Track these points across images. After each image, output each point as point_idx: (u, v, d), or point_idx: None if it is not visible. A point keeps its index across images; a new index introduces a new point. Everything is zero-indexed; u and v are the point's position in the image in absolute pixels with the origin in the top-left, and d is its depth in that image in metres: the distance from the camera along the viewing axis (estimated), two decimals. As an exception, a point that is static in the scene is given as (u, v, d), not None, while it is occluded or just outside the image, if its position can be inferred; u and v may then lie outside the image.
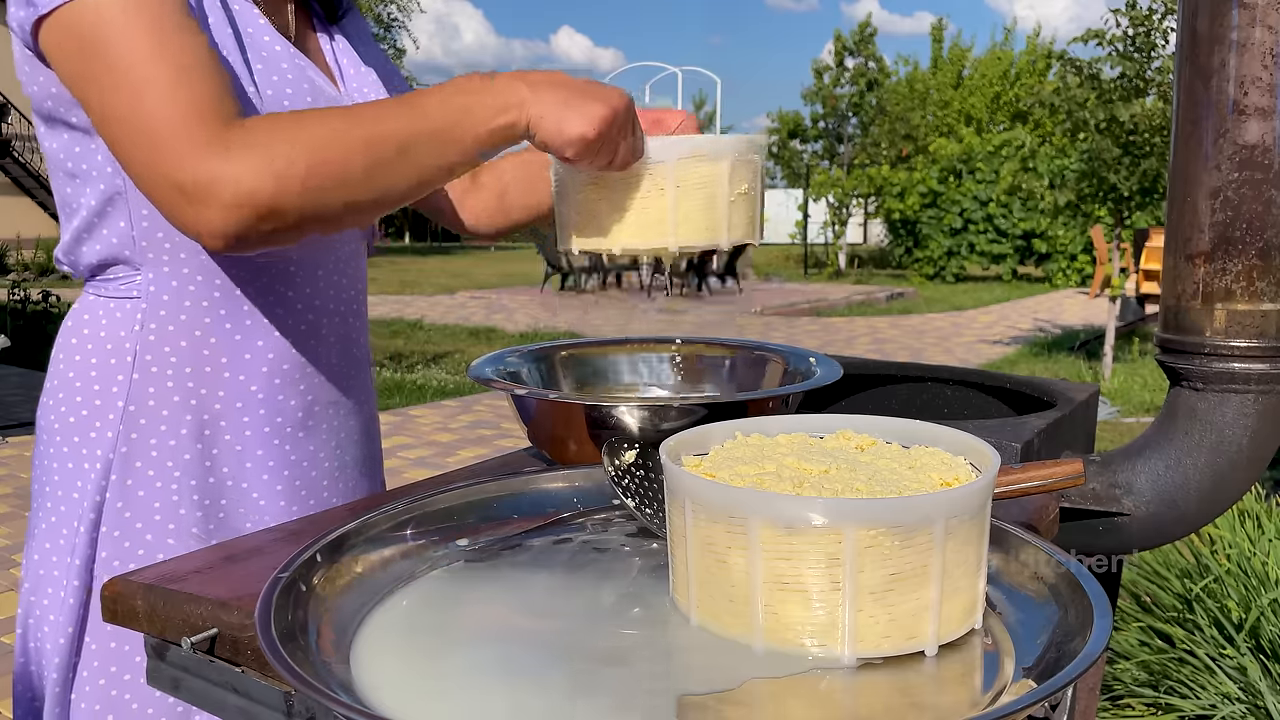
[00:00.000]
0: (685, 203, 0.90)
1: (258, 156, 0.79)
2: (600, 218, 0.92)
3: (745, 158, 0.92)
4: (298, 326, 1.04)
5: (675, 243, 0.90)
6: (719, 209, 0.91)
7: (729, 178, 0.91)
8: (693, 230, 0.91)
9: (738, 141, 0.92)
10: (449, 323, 11.24)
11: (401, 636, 0.67)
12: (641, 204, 0.90)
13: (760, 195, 0.96)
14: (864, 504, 0.62)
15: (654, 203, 0.90)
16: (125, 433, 0.97)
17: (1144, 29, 7.01)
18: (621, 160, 0.88)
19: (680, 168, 0.89)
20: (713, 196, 0.91)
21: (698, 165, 0.90)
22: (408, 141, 0.83)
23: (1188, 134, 1.14)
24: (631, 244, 0.91)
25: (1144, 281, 9.75)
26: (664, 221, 0.90)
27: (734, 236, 0.93)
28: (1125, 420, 6.24)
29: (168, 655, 0.76)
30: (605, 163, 0.87)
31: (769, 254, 24.76)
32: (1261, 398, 1.13)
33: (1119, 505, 1.18)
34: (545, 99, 0.84)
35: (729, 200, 0.91)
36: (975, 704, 0.60)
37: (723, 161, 0.90)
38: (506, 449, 1.29)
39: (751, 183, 0.94)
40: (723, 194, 0.91)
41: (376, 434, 1.19)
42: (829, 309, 13.43)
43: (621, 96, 0.87)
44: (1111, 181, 7.52)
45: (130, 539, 0.97)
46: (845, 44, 24.83)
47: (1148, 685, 2.45)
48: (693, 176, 0.90)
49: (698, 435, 0.77)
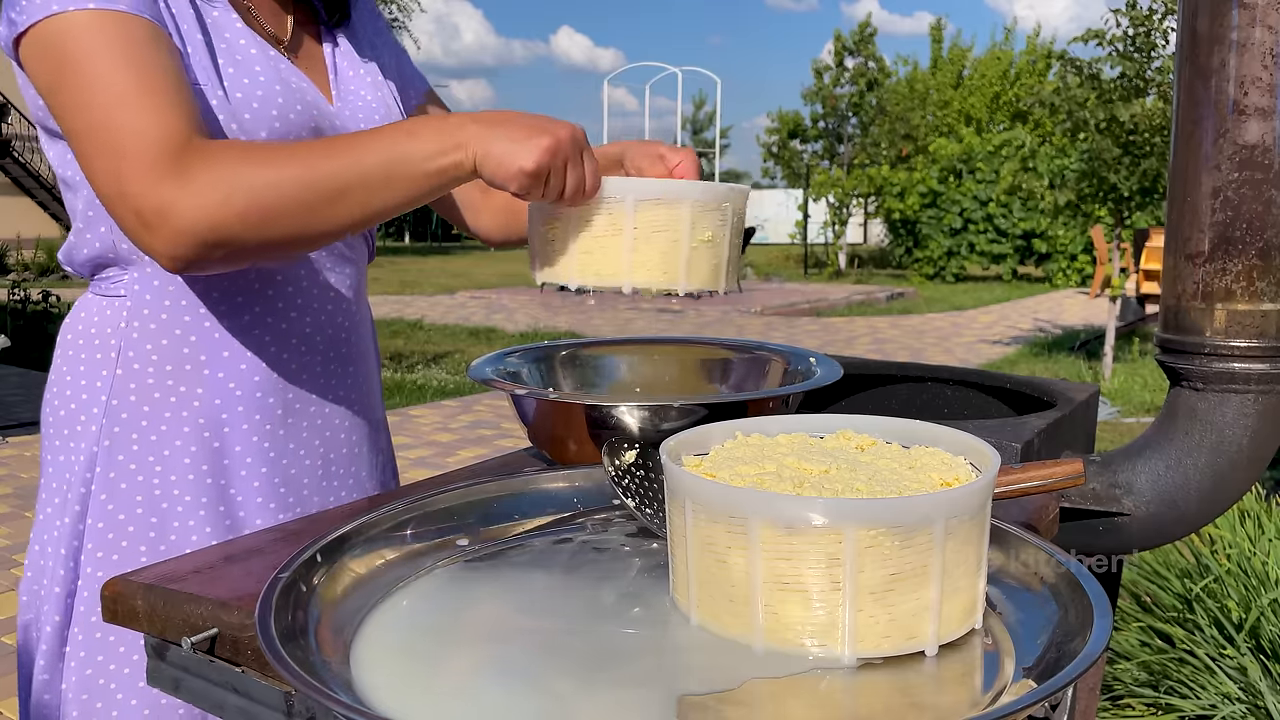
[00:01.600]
0: (643, 245, 0.90)
1: (207, 189, 0.82)
2: (560, 252, 0.92)
3: (710, 206, 0.91)
4: (279, 325, 1.04)
5: (630, 284, 0.90)
6: (678, 254, 0.91)
7: (690, 224, 0.90)
8: (649, 273, 0.90)
9: (704, 189, 0.91)
10: (449, 323, 11.24)
11: (401, 636, 0.67)
12: (598, 242, 0.90)
13: (730, 243, 0.95)
14: (864, 504, 0.62)
15: (610, 242, 0.90)
16: (108, 427, 0.99)
17: (1144, 29, 7.01)
18: (571, 193, 0.88)
19: (639, 210, 0.89)
20: (673, 242, 0.90)
21: (656, 209, 0.89)
22: (347, 184, 0.85)
23: (1188, 134, 1.14)
24: (587, 281, 0.91)
25: (1144, 281, 9.75)
26: (619, 261, 0.90)
27: (693, 283, 0.92)
28: (1125, 420, 6.24)
29: (168, 655, 0.76)
30: (556, 196, 0.88)
31: (769, 254, 24.77)
32: (1261, 398, 1.13)
33: (1119, 505, 1.18)
34: (490, 135, 0.85)
35: (690, 247, 0.91)
36: (975, 704, 0.60)
37: (681, 207, 0.90)
38: (506, 449, 1.29)
39: (717, 231, 0.93)
40: (683, 240, 0.90)
41: (373, 432, 1.18)
42: (829, 309, 13.43)
43: (567, 129, 0.87)
44: (1111, 181, 7.52)
45: (114, 531, 0.98)
46: (845, 44, 24.84)
47: (1148, 685, 2.45)
48: (651, 219, 0.89)
49: (698, 435, 0.77)
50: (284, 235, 0.85)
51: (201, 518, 1.00)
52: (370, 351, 1.18)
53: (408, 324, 10.92)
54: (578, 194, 0.88)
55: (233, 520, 1.02)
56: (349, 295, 1.12)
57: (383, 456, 1.21)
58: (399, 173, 0.86)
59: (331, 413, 1.10)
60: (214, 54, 0.96)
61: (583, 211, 0.90)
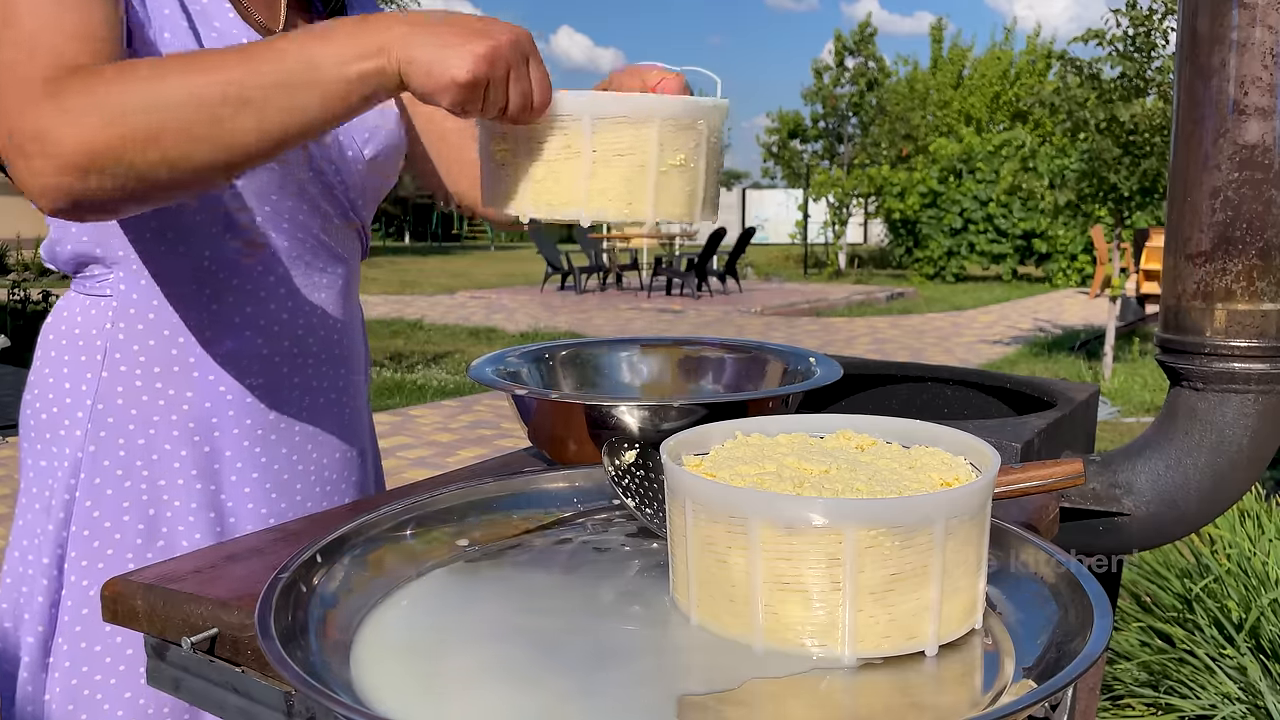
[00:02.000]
0: (603, 171, 0.79)
1: (86, 111, 0.73)
2: (508, 179, 0.82)
3: (682, 123, 0.80)
4: (270, 327, 1.02)
5: (586, 215, 0.80)
6: (644, 181, 0.80)
7: (658, 145, 0.79)
8: (609, 203, 0.80)
9: (674, 104, 0.80)
10: (449, 323, 11.24)
11: (401, 636, 0.67)
12: (551, 168, 0.80)
13: (706, 169, 0.84)
14: (864, 504, 0.62)
15: (565, 167, 0.79)
16: (94, 431, 0.97)
17: (1144, 29, 7.01)
18: (516, 109, 0.76)
19: (598, 130, 0.78)
20: (638, 166, 0.79)
21: (618, 129, 0.78)
22: (245, 95, 0.74)
23: (1188, 134, 1.14)
24: (540, 212, 0.81)
25: (1144, 281, 9.75)
26: (575, 189, 0.79)
27: (662, 213, 0.82)
28: (1125, 420, 6.24)
29: (168, 655, 0.76)
30: (497, 112, 0.76)
31: (769, 254, 24.77)
32: (1261, 398, 1.13)
33: (1119, 505, 1.18)
34: (419, 39, 0.74)
35: (658, 171, 0.80)
36: (975, 704, 0.60)
37: (649, 126, 0.79)
38: (506, 449, 1.28)
39: (690, 154, 0.81)
40: (650, 164, 0.79)
41: (361, 435, 1.16)
42: (829, 309, 13.42)
43: (509, 32, 0.76)
44: (1112, 181, 7.52)
45: (100, 539, 0.96)
46: (845, 44, 24.84)
47: (1148, 685, 2.45)
48: (612, 141, 0.78)
49: (698, 435, 0.77)
50: (177, 160, 0.74)
51: (191, 524, 0.99)
52: (360, 353, 1.16)
53: (408, 324, 10.92)
54: (524, 110, 0.76)
55: (224, 527, 1.00)
56: (341, 295, 1.10)
57: (372, 459, 1.19)
58: (306, 80, 0.74)
59: (323, 415, 1.08)
60: (200, 43, 0.93)
61: (533, 131, 0.79)
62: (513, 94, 0.75)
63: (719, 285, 14.84)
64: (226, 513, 1.01)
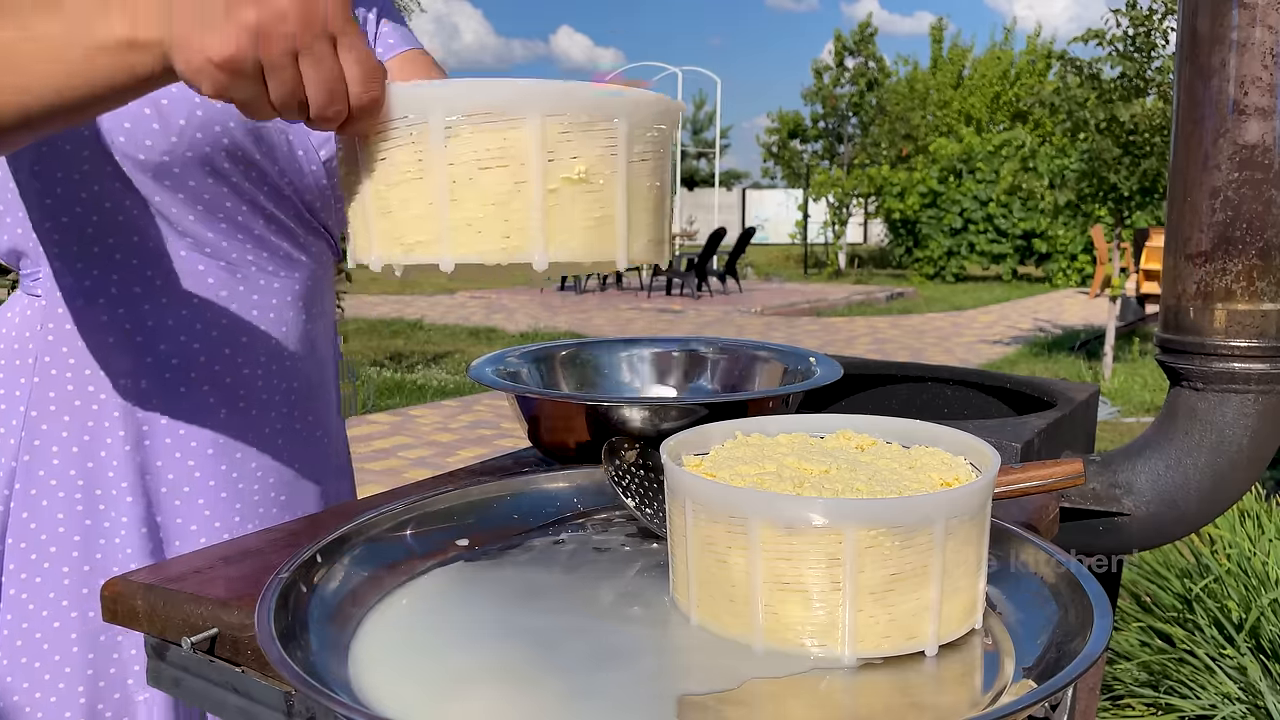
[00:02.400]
0: (465, 192, 0.58)
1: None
2: (356, 215, 0.63)
3: (579, 120, 0.58)
4: (209, 332, 0.96)
5: (450, 257, 0.58)
6: (523, 204, 0.58)
7: (541, 151, 0.58)
8: (477, 238, 0.58)
9: (562, 90, 0.58)
10: (449, 323, 11.24)
11: (401, 636, 0.67)
12: (396, 192, 0.59)
13: (629, 189, 0.61)
14: (864, 504, 0.62)
15: (414, 190, 0.59)
16: (28, 440, 0.92)
17: (1144, 29, 7.01)
18: (319, 105, 0.58)
19: (454, 133, 0.57)
20: (515, 184, 0.58)
21: (481, 129, 0.57)
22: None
23: (1188, 134, 1.14)
24: (391, 254, 0.61)
25: (1144, 281, 9.75)
26: (431, 221, 0.59)
27: (559, 250, 0.59)
28: (1125, 420, 6.24)
29: (168, 655, 0.75)
30: (290, 109, 0.59)
31: (769, 254, 24.76)
32: (1261, 398, 1.13)
33: (1119, 505, 1.18)
34: (178, 8, 0.58)
35: (546, 190, 0.58)
36: (975, 704, 0.60)
37: (526, 126, 0.57)
38: (506, 449, 1.28)
39: (595, 165, 0.59)
40: (532, 178, 0.58)
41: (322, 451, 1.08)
42: (829, 309, 13.43)
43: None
44: (1112, 181, 7.52)
45: (36, 551, 0.92)
46: (845, 44, 24.83)
47: (1148, 685, 2.45)
48: (474, 147, 0.57)
49: (698, 435, 0.77)
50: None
51: (125, 538, 0.93)
52: (325, 362, 1.08)
53: (408, 324, 10.92)
54: (330, 105, 0.58)
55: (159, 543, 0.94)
56: (297, 300, 1.02)
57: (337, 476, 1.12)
58: (30, 54, 0.60)
59: (273, 430, 1.01)
60: None
61: (373, 143, 0.60)
62: (309, 84, 0.58)
63: (719, 285, 14.85)
64: (160, 528, 0.96)
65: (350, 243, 0.65)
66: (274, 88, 0.58)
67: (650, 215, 0.64)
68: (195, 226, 0.94)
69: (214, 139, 0.90)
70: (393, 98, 0.58)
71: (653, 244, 0.64)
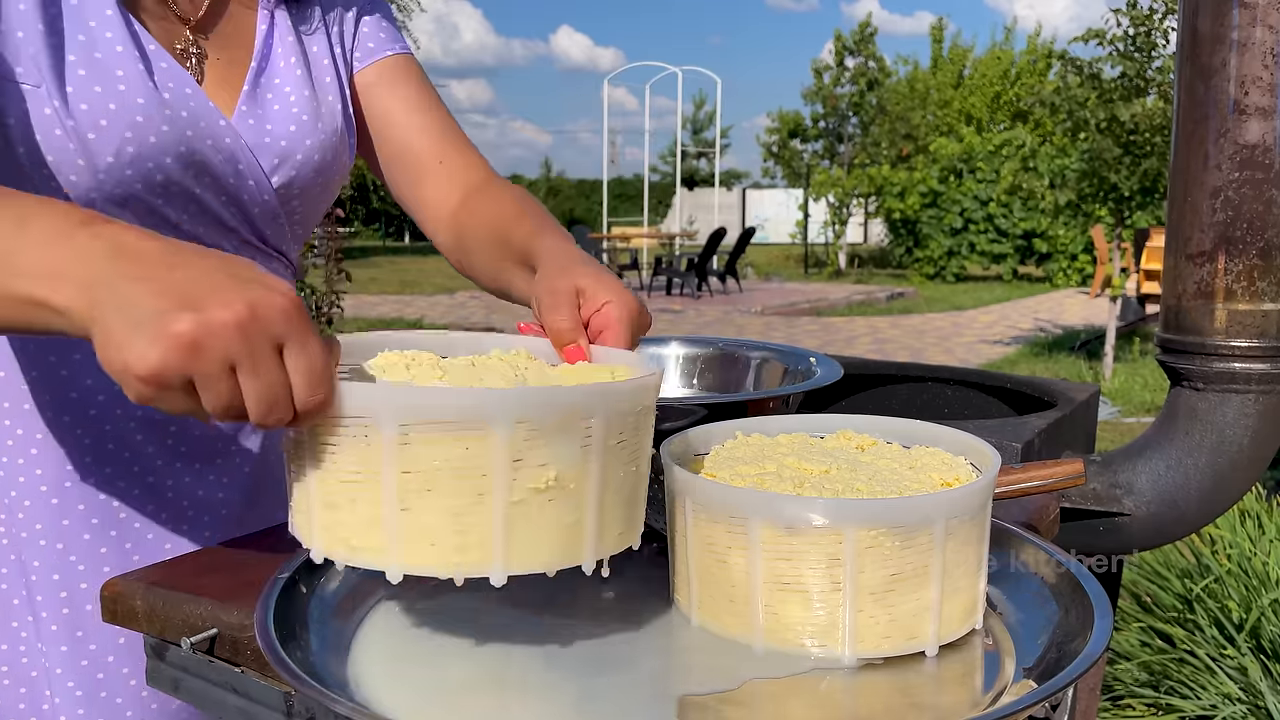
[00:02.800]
0: (419, 501, 0.54)
1: None
2: (298, 497, 0.60)
3: (549, 426, 0.54)
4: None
5: (398, 567, 0.55)
6: (483, 516, 0.54)
7: (507, 461, 0.53)
8: (430, 549, 0.55)
9: (535, 398, 0.54)
10: (449, 322, 11.24)
11: (400, 637, 0.67)
12: (346, 492, 0.55)
13: (604, 485, 0.57)
14: (864, 504, 0.62)
15: (362, 493, 0.55)
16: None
17: (1144, 29, 7.01)
18: (258, 414, 0.54)
19: (409, 440, 0.53)
20: (475, 495, 0.54)
21: (440, 437, 0.53)
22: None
23: (1188, 133, 1.14)
24: (334, 551, 0.57)
25: (1145, 281, 9.75)
26: (380, 528, 0.55)
27: (519, 564, 0.56)
28: (1126, 420, 6.24)
29: (167, 655, 0.75)
30: (226, 416, 0.54)
31: (769, 254, 24.77)
32: (1262, 398, 1.13)
33: (1119, 505, 1.17)
34: (114, 297, 0.53)
35: (509, 502, 0.54)
36: (976, 704, 0.60)
37: (491, 435, 0.53)
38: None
39: (568, 469, 0.55)
40: (496, 489, 0.54)
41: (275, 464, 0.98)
42: (829, 309, 13.42)
43: (242, 302, 0.52)
44: (1112, 181, 7.52)
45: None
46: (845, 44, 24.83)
47: (1148, 685, 2.45)
48: (432, 455, 0.53)
49: (698, 435, 0.77)
50: None
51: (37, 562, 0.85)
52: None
53: (407, 324, 10.92)
54: (270, 414, 0.54)
55: (44, 564, 0.85)
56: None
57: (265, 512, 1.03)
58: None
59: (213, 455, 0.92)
60: (62, 49, 0.76)
61: (320, 434, 0.55)
62: (247, 395, 0.53)
63: (719, 285, 14.85)
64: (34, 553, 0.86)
65: (291, 515, 0.61)
66: (207, 399, 0.53)
67: (624, 506, 0.60)
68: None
69: (146, 175, 0.80)
70: (343, 397, 0.54)
71: (625, 534, 0.61)
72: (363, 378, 0.62)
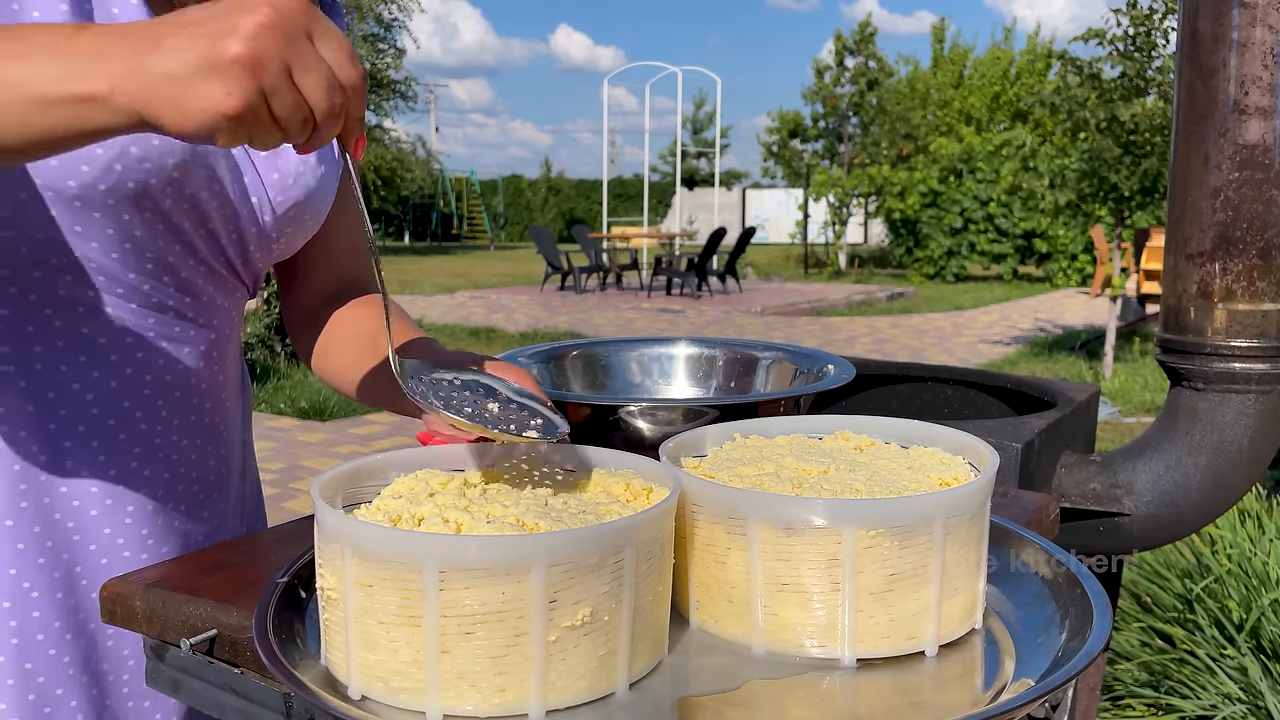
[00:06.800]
0: (459, 645, 0.55)
1: None
2: (333, 631, 0.61)
3: (585, 565, 0.56)
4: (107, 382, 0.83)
5: (438, 708, 0.56)
6: (522, 656, 0.56)
7: (544, 603, 0.55)
8: (468, 691, 0.56)
9: (572, 540, 0.55)
10: (449, 323, 11.24)
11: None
12: (384, 632, 0.56)
13: (635, 613, 0.59)
14: (863, 504, 0.62)
15: (404, 635, 0.56)
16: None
17: (1144, 28, 7.01)
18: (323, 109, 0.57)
19: (448, 584, 0.54)
20: (513, 636, 0.55)
21: (479, 582, 0.54)
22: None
23: (1188, 133, 1.14)
24: (373, 690, 0.58)
25: (1145, 281, 9.74)
26: (418, 669, 0.56)
27: (556, 699, 0.57)
28: (1126, 420, 6.24)
29: (167, 656, 0.75)
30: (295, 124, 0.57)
31: (769, 254, 24.77)
32: (1262, 398, 1.13)
33: (1119, 505, 1.17)
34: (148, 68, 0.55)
35: (546, 641, 0.56)
36: (975, 703, 0.60)
37: (528, 579, 0.54)
38: (506, 449, 1.26)
39: (601, 603, 0.57)
40: (532, 632, 0.55)
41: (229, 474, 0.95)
42: (829, 309, 13.42)
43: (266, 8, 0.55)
44: (1112, 181, 7.52)
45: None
46: (845, 43, 24.83)
47: (1148, 685, 2.45)
48: (470, 600, 0.55)
49: (697, 436, 0.77)
50: None
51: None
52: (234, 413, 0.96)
53: (408, 324, 10.90)
54: (330, 97, 0.57)
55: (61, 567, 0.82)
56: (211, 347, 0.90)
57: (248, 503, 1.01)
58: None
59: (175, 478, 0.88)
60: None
61: (361, 579, 0.57)
62: (309, 89, 0.57)
63: (719, 285, 14.85)
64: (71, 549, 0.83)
65: (326, 650, 0.62)
66: (279, 109, 0.56)
67: (652, 627, 0.62)
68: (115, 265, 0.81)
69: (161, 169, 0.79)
70: (385, 543, 0.56)
71: (653, 651, 0.63)
72: (384, 509, 0.63)
